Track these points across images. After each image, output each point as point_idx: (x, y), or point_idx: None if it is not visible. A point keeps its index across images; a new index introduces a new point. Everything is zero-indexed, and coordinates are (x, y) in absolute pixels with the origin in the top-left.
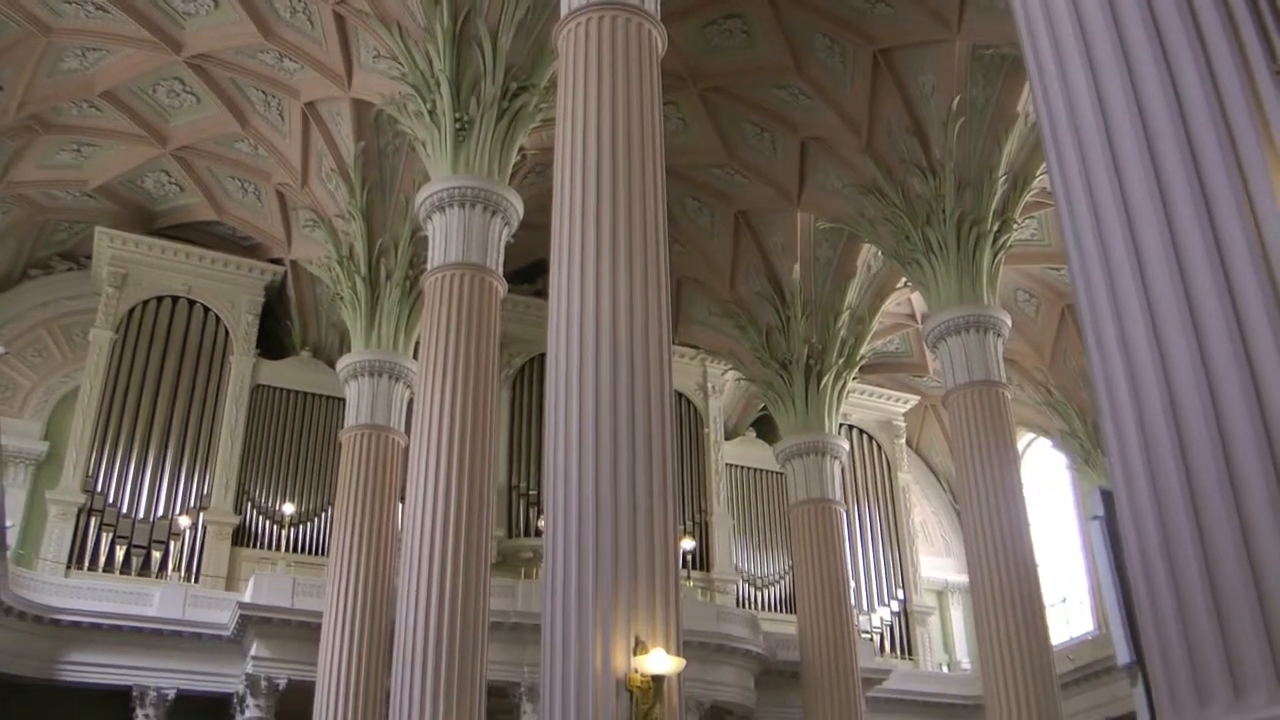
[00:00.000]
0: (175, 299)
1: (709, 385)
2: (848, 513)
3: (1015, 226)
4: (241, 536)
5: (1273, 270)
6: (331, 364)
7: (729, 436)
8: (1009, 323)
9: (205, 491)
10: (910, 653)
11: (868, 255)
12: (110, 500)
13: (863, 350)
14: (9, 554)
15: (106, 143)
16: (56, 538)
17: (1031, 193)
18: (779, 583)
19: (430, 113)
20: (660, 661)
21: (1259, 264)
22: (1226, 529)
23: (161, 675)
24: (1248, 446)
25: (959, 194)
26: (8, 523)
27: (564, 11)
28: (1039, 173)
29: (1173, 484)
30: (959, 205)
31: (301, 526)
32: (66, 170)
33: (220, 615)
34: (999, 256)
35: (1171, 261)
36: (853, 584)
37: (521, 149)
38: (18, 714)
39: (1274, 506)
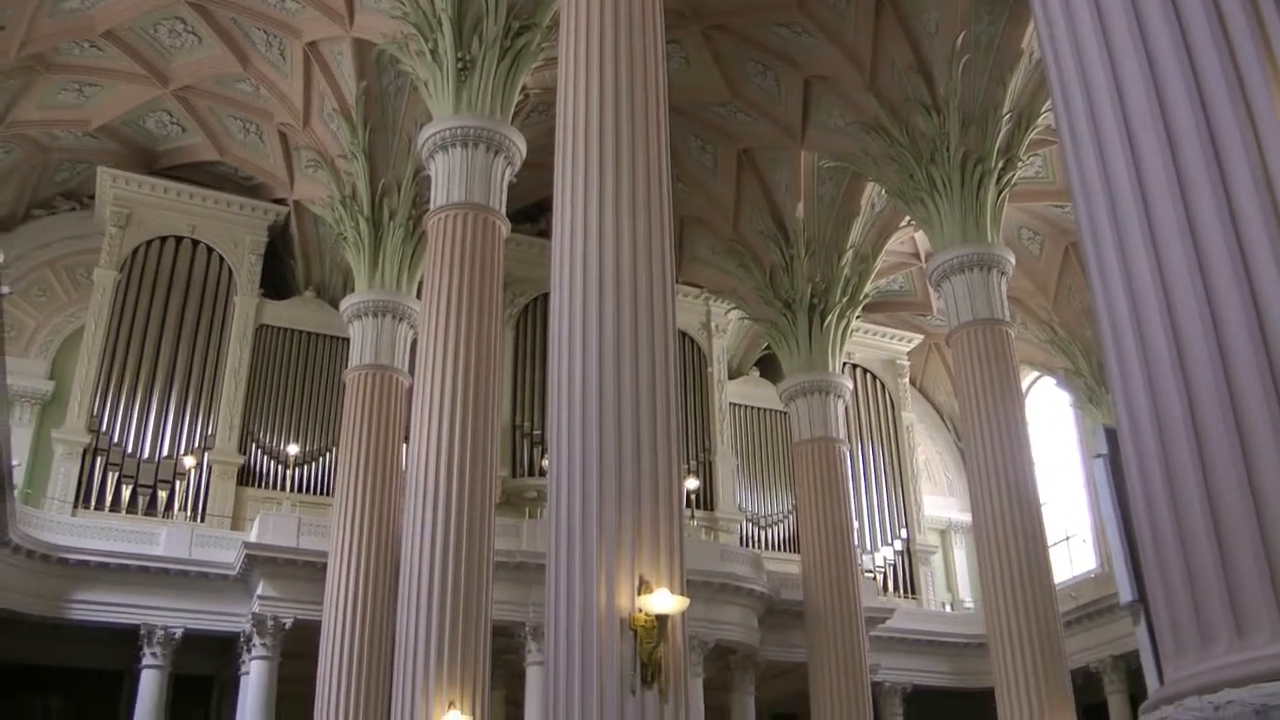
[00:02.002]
0: (179, 239)
1: (712, 324)
2: (851, 452)
3: (1019, 164)
4: (246, 476)
5: (1279, 205)
6: (335, 304)
7: (732, 376)
8: (1013, 261)
9: (210, 431)
10: (913, 592)
11: (871, 194)
12: (115, 440)
13: (866, 289)
14: (16, 493)
15: (108, 83)
16: (63, 477)
17: (1036, 130)
18: (782, 522)
19: (432, 52)
20: (664, 601)
21: (1265, 199)
22: (1230, 467)
23: (169, 614)
24: (1253, 384)
25: (963, 132)
26: (14, 462)
27: None
28: (1043, 110)
29: (1177, 422)
30: (963, 143)
31: (306, 466)
32: (68, 110)
33: (226, 555)
34: (1003, 194)
35: (1177, 198)
36: (856, 523)
37: (524, 88)
38: (28, 652)
39: (1279, 446)
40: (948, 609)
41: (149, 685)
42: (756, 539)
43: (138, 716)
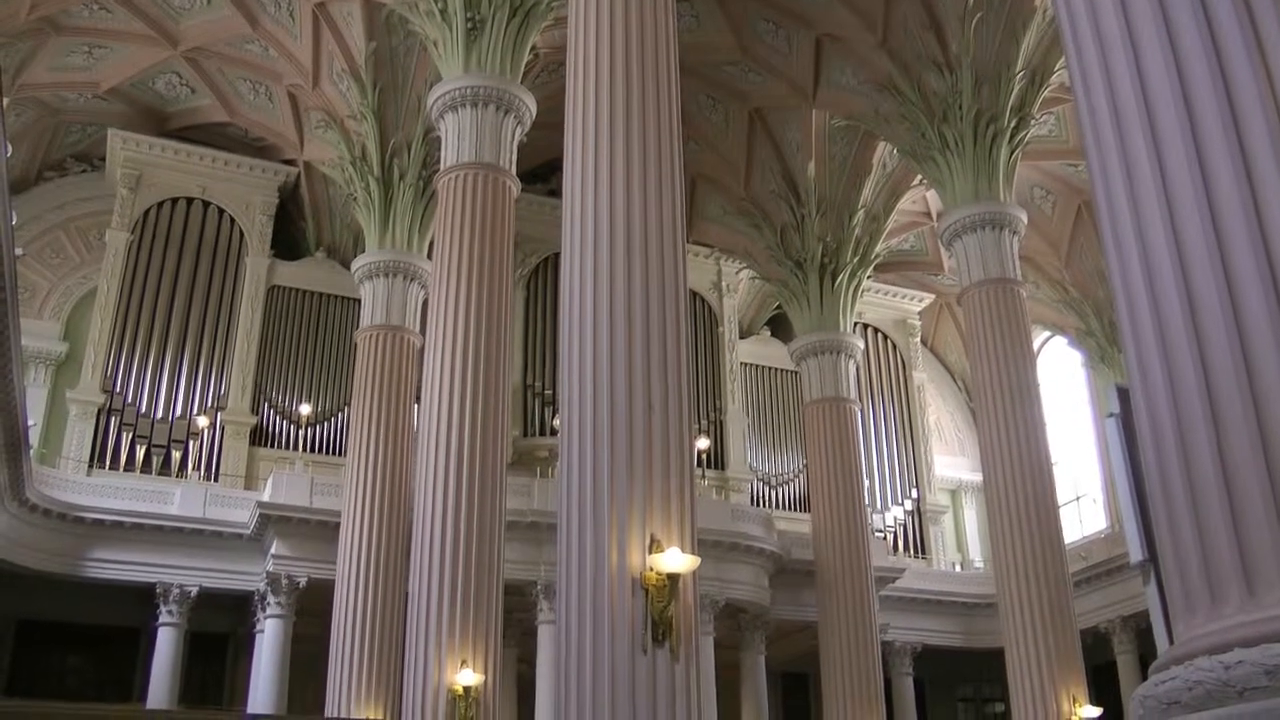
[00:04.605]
0: (189, 200)
1: (723, 284)
2: (862, 411)
3: (1032, 123)
4: (259, 436)
5: None
6: (346, 264)
7: (744, 335)
8: (1025, 220)
9: (222, 391)
10: (923, 551)
11: (883, 153)
12: (129, 400)
13: (878, 248)
14: (31, 453)
15: (118, 44)
16: (77, 437)
17: (1049, 88)
18: (793, 481)
19: (441, 12)
20: (675, 560)
21: None
22: (1243, 427)
23: (184, 573)
24: (1266, 343)
25: (976, 90)
26: (29, 422)
27: None
28: (1057, 68)
29: (1189, 381)
30: (976, 101)
31: (318, 426)
32: (78, 72)
33: (240, 514)
34: (1015, 153)
35: (1191, 156)
36: (867, 483)
37: (534, 48)
38: (47, 609)
39: None
40: (958, 569)
41: (165, 642)
42: (767, 498)
43: (154, 673)
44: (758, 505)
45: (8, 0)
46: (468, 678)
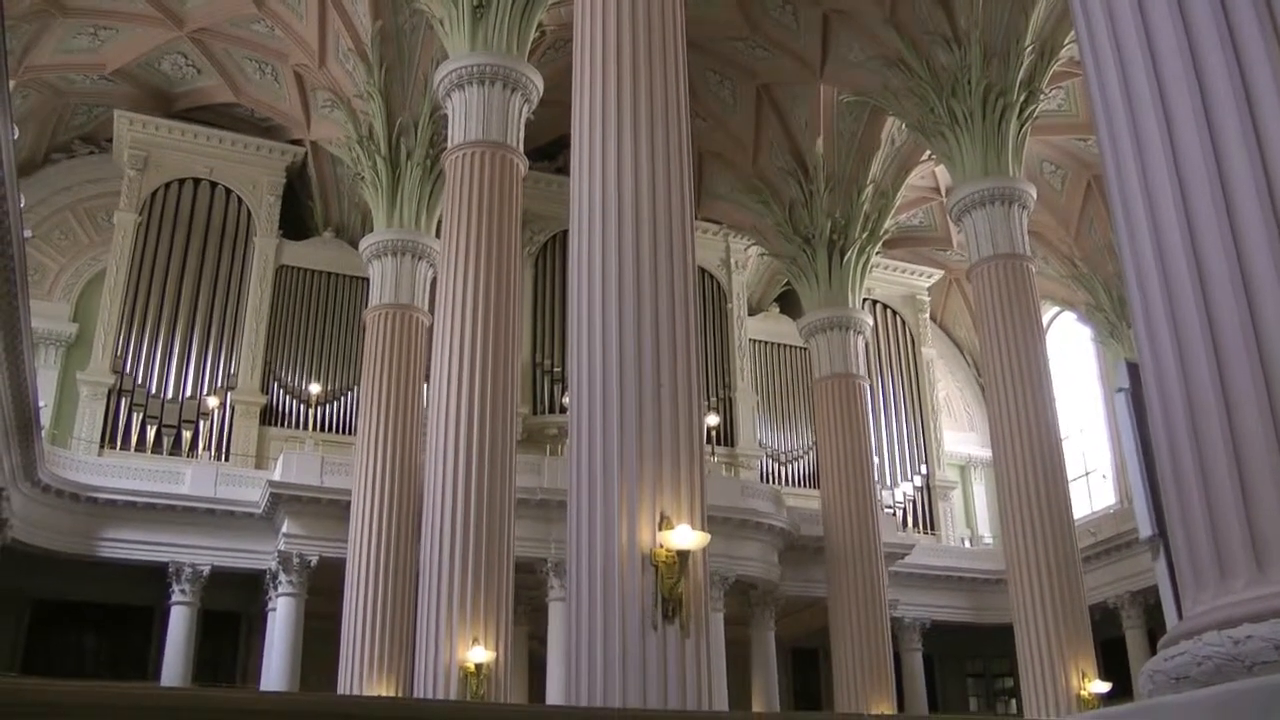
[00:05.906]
0: (197, 181)
1: (732, 261)
2: (871, 388)
3: (1042, 97)
4: (269, 416)
5: None
6: (354, 244)
7: (752, 312)
8: (1034, 195)
9: (232, 371)
10: (933, 527)
11: (891, 128)
12: (139, 381)
13: (886, 224)
14: (43, 434)
15: (123, 26)
16: (88, 418)
17: (1059, 62)
18: (803, 458)
19: None
20: (685, 537)
21: None
22: (1253, 402)
23: (196, 552)
24: (1277, 318)
25: (985, 65)
26: (41, 403)
27: None
28: (1067, 41)
29: (1199, 356)
30: (985, 76)
31: (328, 406)
32: (84, 54)
33: (251, 493)
34: (1025, 128)
35: (1203, 129)
36: (876, 459)
37: (540, 25)
38: (62, 589)
39: None
40: (967, 544)
41: (179, 621)
42: (777, 475)
43: (168, 651)
44: (767, 482)
45: None
46: (479, 655)
